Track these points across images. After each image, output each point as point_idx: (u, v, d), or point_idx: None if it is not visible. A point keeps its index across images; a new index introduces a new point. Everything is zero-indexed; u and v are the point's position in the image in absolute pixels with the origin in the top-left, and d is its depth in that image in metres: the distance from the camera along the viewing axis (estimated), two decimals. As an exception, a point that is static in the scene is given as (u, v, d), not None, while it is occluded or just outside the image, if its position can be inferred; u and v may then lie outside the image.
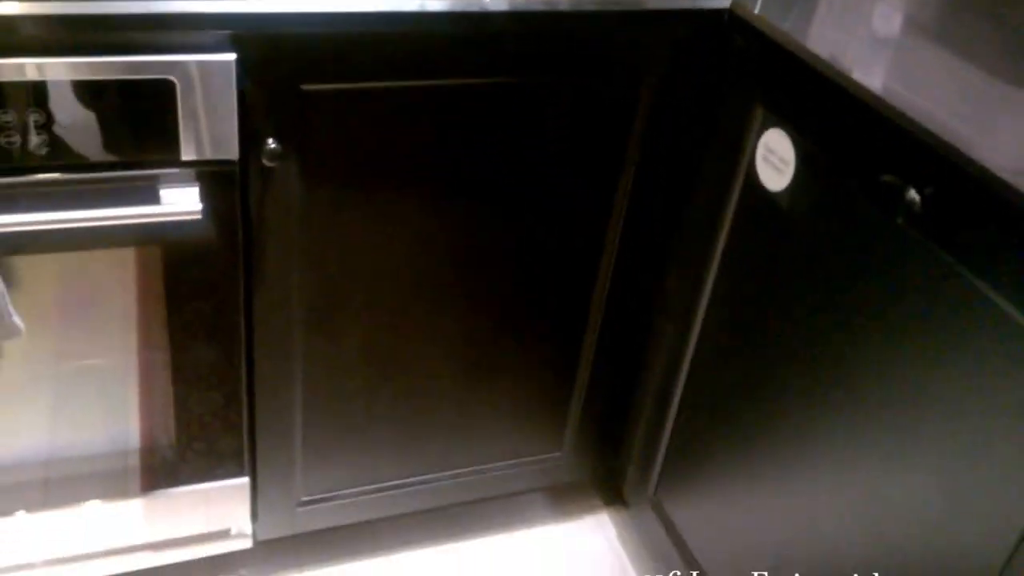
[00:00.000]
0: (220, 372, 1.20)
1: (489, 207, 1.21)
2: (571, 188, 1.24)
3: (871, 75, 0.99)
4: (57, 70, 0.94)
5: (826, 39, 1.07)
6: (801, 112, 1.06)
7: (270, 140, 1.05)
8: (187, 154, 1.02)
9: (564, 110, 1.17)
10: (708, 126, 1.22)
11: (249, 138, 1.05)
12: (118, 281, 1.10)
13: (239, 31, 0.98)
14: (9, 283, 1.04)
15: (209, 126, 1.01)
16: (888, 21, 1.18)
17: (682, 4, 1.14)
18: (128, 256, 1.08)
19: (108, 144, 0.99)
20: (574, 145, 1.20)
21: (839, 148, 1.00)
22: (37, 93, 0.94)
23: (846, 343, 1.02)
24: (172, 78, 0.97)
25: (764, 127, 1.11)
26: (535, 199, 1.23)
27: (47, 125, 0.96)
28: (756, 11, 1.11)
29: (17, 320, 1.06)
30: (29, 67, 0.93)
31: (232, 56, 0.99)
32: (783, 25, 1.08)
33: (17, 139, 0.96)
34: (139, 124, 0.99)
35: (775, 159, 1.10)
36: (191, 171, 1.04)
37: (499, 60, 1.11)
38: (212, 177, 1.05)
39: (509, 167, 1.19)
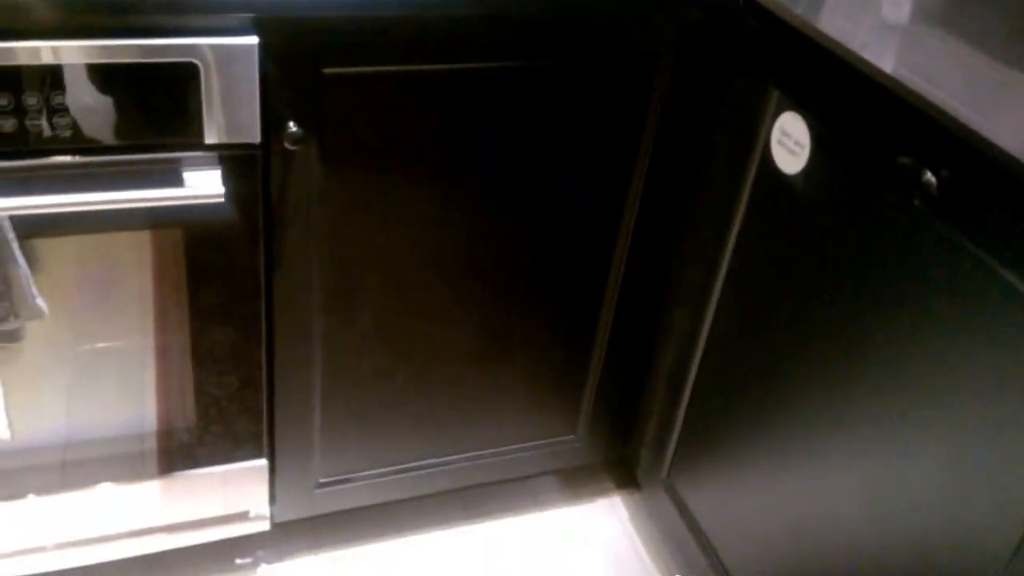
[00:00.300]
0: (239, 354, 1.21)
1: (505, 190, 1.22)
2: (586, 171, 1.25)
3: (882, 60, 1.00)
4: (80, 54, 0.94)
5: (836, 24, 1.07)
6: (816, 95, 1.06)
7: (291, 123, 1.06)
8: (210, 137, 1.03)
9: (578, 93, 1.18)
10: (722, 109, 1.23)
11: (270, 121, 1.05)
12: (137, 263, 1.11)
13: (261, 14, 0.99)
14: (32, 264, 1.05)
15: (231, 109, 1.02)
16: (897, 7, 1.19)
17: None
18: (149, 238, 1.09)
19: (131, 127, 1.00)
20: (588, 128, 1.21)
21: (855, 131, 1.01)
22: (60, 76, 0.95)
23: (860, 326, 1.02)
24: (196, 61, 0.98)
25: (779, 110, 1.12)
26: (550, 182, 1.24)
27: (70, 108, 0.97)
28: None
29: (40, 302, 1.07)
30: (51, 50, 0.93)
31: (255, 40, 0.99)
32: (795, 9, 1.08)
33: (41, 122, 0.96)
34: (163, 107, 1.00)
35: (790, 142, 1.11)
36: (213, 154, 1.05)
37: (515, 43, 1.11)
38: (234, 160, 1.06)
39: (525, 150, 1.20)
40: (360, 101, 1.09)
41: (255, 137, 1.05)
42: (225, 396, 1.24)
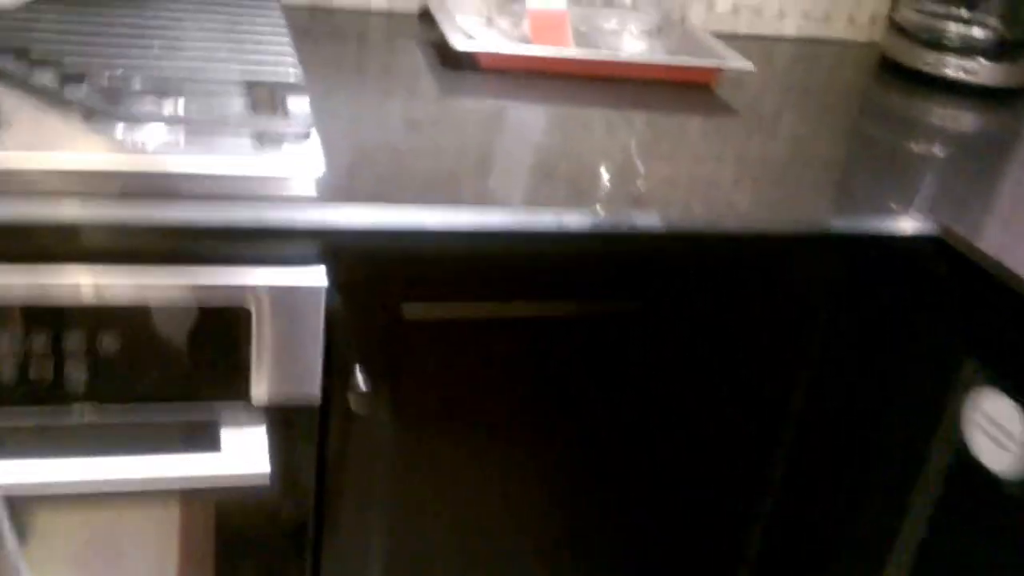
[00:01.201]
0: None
1: (607, 450, 1.01)
2: (712, 431, 1.03)
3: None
4: (112, 291, 0.76)
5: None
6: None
7: (360, 379, 0.86)
8: (258, 395, 0.82)
9: (707, 339, 0.97)
10: (898, 376, 0.99)
11: (333, 376, 0.86)
12: (155, 539, 0.90)
13: (332, 248, 0.81)
14: (23, 541, 0.83)
15: (287, 363, 0.82)
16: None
17: (869, 226, 0.92)
18: (173, 511, 0.88)
19: (158, 380, 0.80)
20: (721, 379, 1.00)
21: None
22: (88, 317, 0.76)
23: None
24: (248, 306, 0.78)
25: (978, 387, 0.88)
26: (666, 444, 1.02)
27: (83, 355, 0.77)
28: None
29: (30, 587, 0.84)
30: (82, 286, 0.75)
31: (323, 282, 0.79)
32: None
33: (51, 371, 0.77)
34: (203, 357, 0.80)
35: (995, 430, 0.87)
36: (260, 413, 0.84)
37: (648, 282, 0.93)
38: (285, 423, 0.86)
39: (639, 402, 0.99)
40: (445, 351, 0.91)
41: (314, 397, 0.84)
42: None
